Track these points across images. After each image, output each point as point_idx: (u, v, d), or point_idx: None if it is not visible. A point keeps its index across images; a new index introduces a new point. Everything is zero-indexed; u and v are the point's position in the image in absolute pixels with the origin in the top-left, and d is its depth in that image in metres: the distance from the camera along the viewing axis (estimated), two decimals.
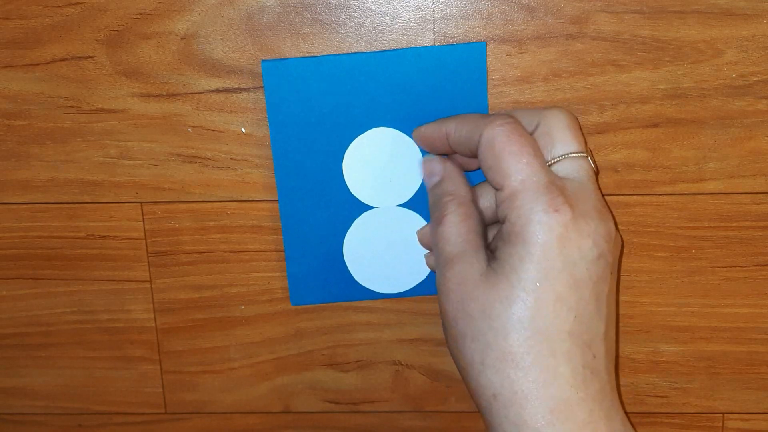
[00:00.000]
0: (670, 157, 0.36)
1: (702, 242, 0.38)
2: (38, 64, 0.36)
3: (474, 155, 0.32)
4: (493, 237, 0.34)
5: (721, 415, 0.40)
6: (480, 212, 0.33)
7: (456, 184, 0.34)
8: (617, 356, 0.39)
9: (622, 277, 0.38)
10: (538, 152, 0.30)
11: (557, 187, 0.30)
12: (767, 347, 0.39)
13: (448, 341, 0.32)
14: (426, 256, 0.37)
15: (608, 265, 0.30)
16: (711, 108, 0.36)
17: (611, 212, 0.31)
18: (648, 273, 0.38)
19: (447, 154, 0.35)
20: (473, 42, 0.35)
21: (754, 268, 0.38)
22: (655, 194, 0.37)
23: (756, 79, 0.35)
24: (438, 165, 0.35)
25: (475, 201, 0.33)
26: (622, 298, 0.39)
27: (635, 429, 0.31)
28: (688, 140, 0.36)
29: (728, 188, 0.37)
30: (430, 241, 0.34)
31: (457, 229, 0.32)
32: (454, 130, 0.32)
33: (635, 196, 0.37)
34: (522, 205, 0.29)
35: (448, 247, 0.32)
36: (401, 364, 0.40)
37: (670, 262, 0.38)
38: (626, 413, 0.31)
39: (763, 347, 0.39)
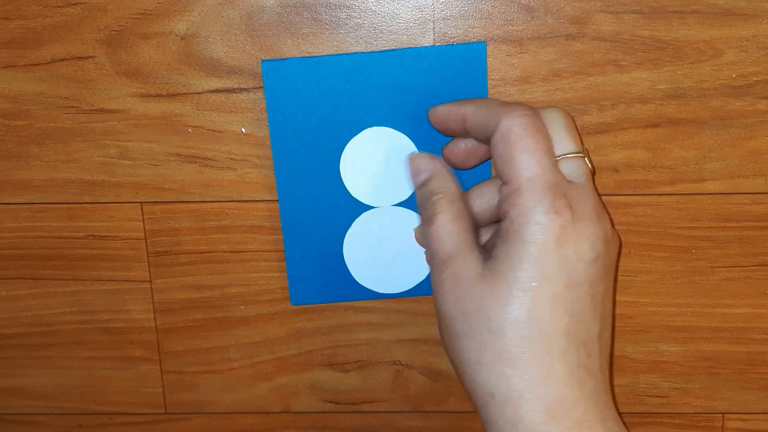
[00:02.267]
0: (670, 157, 0.36)
1: (702, 242, 0.38)
2: (38, 64, 0.36)
3: (488, 141, 0.31)
4: (491, 235, 0.34)
5: (721, 415, 0.40)
6: (471, 211, 0.33)
7: (445, 182, 0.33)
8: (612, 356, 0.39)
9: (622, 277, 0.38)
10: (550, 151, 0.30)
11: (561, 188, 0.30)
12: (767, 347, 0.39)
13: (444, 341, 0.32)
14: (426, 254, 0.37)
15: (605, 267, 0.30)
16: (711, 108, 0.36)
17: (608, 213, 0.31)
18: (648, 273, 0.38)
19: (461, 137, 0.34)
20: (473, 42, 0.35)
21: (754, 268, 0.38)
22: (655, 194, 0.37)
23: (756, 79, 0.35)
24: (425, 162, 0.34)
25: (464, 199, 0.33)
26: (621, 298, 0.39)
27: (628, 429, 0.31)
28: (688, 140, 0.36)
29: (728, 188, 0.37)
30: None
31: (449, 227, 0.32)
32: (472, 113, 0.32)
33: (635, 196, 0.37)
34: (524, 203, 0.29)
35: (442, 247, 0.31)
36: (401, 364, 0.40)
37: (670, 262, 0.38)
38: (619, 413, 0.31)
39: (763, 347, 0.39)
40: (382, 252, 0.37)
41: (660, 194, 0.37)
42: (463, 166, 0.35)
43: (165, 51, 0.36)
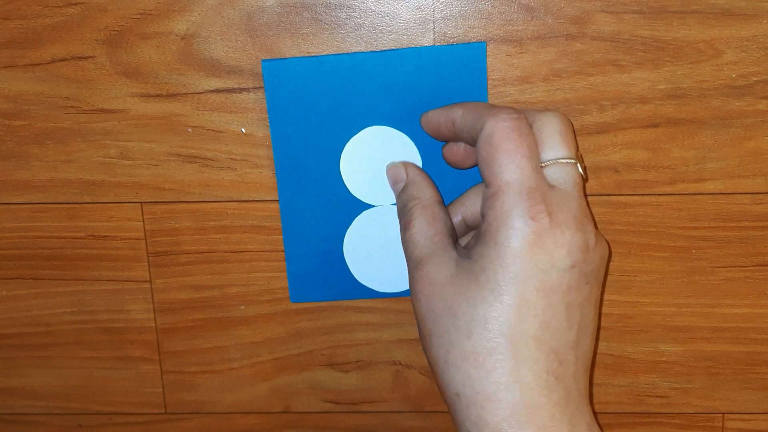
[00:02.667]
0: (670, 157, 0.36)
1: (702, 242, 0.38)
2: (38, 64, 0.36)
3: (476, 144, 0.32)
4: (472, 236, 0.34)
5: (721, 415, 0.40)
6: (464, 214, 0.34)
7: (420, 189, 0.34)
8: (593, 364, 0.39)
9: (622, 277, 0.38)
10: (533, 154, 0.30)
11: (540, 193, 0.29)
12: (767, 347, 0.39)
13: (420, 340, 0.32)
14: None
15: (583, 275, 0.30)
16: (711, 108, 0.36)
17: (594, 223, 0.31)
18: (648, 273, 0.38)
19: (452, 140, 0.34)
20: (473, 42, 0.35)
21: (754, 268, 0.38)
22: (655, 194, 0.37)
23: (756, 79, 0.35)
24: (401, 171, 0.35)
25: (440, 203, 0.33)
26: (621, 298, 0.39)
27: None
28: (688, 140, 0.36)
29: (728, 188, 0.37)
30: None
31: (423, 232, 0.32)
32: (461, 117, 0.32)
33: (635, 196, 0.37)
34: (501, 206, 0.29)
35: (416, 251, 0.32)
36: (401, 364, 0.40)
37: (670, 262, 0.38)
38: (597, 421, 0.31)
39: (763, 347, 0.39)
40: (382, 251, 0.37)
41: (660, 194, 0.37)
42: (463, 165, 0.35)
43: (165, 51, 0.36)
